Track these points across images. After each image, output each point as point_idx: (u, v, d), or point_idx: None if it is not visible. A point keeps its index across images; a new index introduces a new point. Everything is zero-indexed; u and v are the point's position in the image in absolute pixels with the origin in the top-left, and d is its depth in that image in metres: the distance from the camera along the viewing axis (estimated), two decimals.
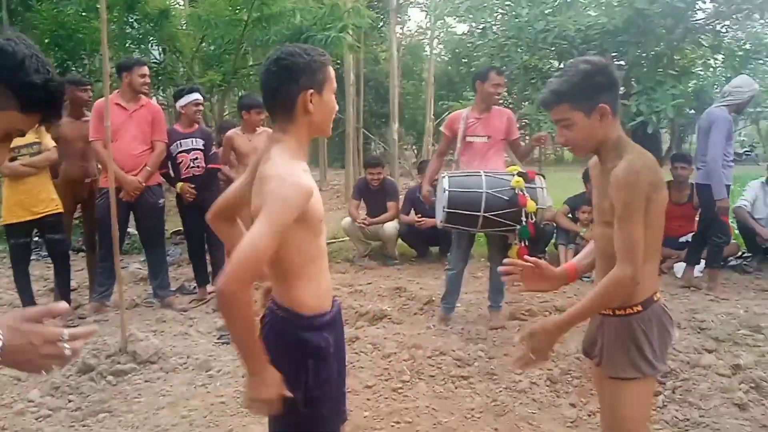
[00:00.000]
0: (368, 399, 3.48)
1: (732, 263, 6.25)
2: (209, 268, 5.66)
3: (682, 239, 6.37)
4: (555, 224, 6.49)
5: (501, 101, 7.10)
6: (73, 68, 8.71)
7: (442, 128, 4.94)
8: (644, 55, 6.54)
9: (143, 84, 5.14)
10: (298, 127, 1.76)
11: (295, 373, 1.71)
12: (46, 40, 7.95)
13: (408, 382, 3.68)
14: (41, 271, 6.40)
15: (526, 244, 4.24)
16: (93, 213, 5.24)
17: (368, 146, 23.14)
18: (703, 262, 6.00)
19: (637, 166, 1.78)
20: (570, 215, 6.50)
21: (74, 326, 4.59)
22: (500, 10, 6.52)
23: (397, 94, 11.62)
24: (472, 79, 4.89)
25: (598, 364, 1.97)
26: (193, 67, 8.59)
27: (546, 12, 6.22)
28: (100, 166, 5.24)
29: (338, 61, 14.19)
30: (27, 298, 4.94)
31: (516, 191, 4.18)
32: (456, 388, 3.63)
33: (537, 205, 4.22)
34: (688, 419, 3.15)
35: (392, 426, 3.20)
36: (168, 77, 8.86)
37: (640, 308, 1.87)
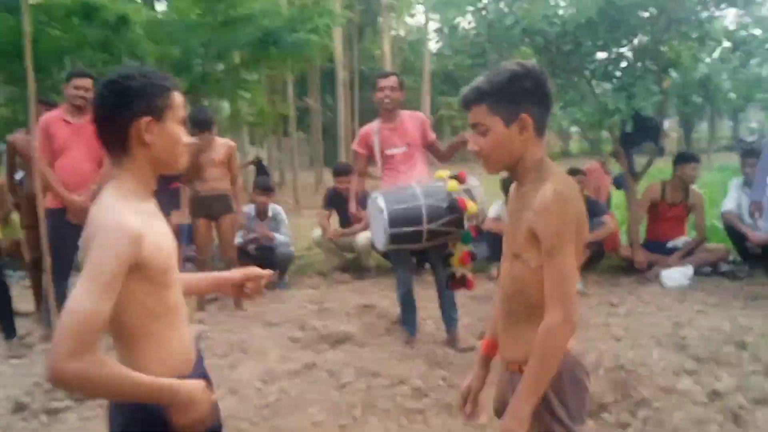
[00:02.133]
0: None
1: (723, 269, 5.90)
2: None
3: (670, 244, 6.03)
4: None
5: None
6: (37, 79, 8.41)
7: (354, 146, 4.62)
8: (625, 48, 6.19)
9: (76, 96, 4.77)
10: (135, 161, 1.48)
11: None
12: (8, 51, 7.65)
13: (358, 419, 3.38)
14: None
15: (470, 250, 3.91)
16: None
17: None
18: (691, 267, 5.67)
19: (565, 192, 1.50)
20: None
21: (19, 356, 4.27)
22: (468, 7, 6.12)
23: None
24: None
25: None
26: None
27: (513, 7, 5.84)
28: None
29: (329, 59, 13.87)
30: None
31: (454, 196, 3.85)
32: (409, 423, 3.33)
33: (477, 205, 3.91)
34: None
35: None
36: None
37: None
